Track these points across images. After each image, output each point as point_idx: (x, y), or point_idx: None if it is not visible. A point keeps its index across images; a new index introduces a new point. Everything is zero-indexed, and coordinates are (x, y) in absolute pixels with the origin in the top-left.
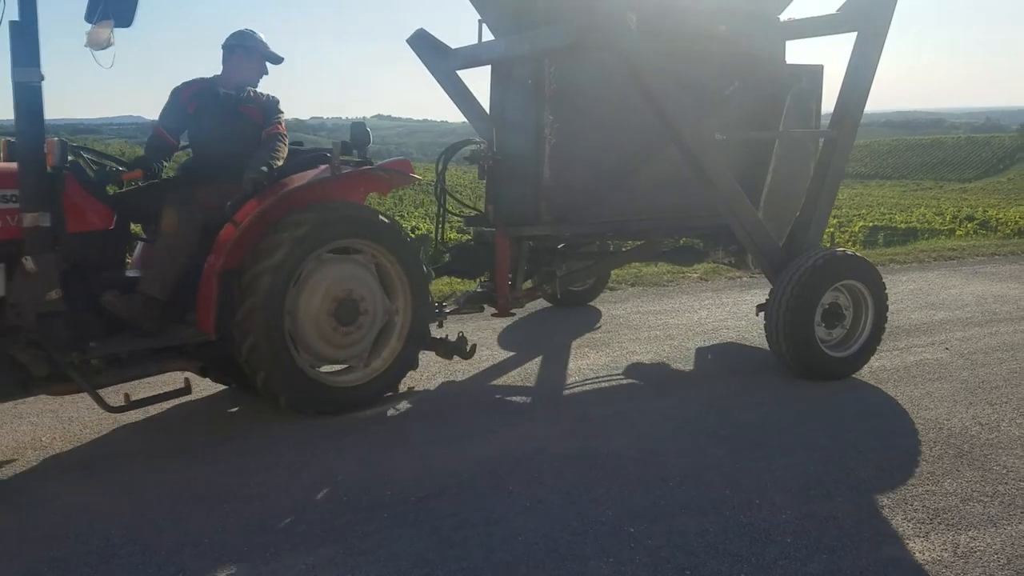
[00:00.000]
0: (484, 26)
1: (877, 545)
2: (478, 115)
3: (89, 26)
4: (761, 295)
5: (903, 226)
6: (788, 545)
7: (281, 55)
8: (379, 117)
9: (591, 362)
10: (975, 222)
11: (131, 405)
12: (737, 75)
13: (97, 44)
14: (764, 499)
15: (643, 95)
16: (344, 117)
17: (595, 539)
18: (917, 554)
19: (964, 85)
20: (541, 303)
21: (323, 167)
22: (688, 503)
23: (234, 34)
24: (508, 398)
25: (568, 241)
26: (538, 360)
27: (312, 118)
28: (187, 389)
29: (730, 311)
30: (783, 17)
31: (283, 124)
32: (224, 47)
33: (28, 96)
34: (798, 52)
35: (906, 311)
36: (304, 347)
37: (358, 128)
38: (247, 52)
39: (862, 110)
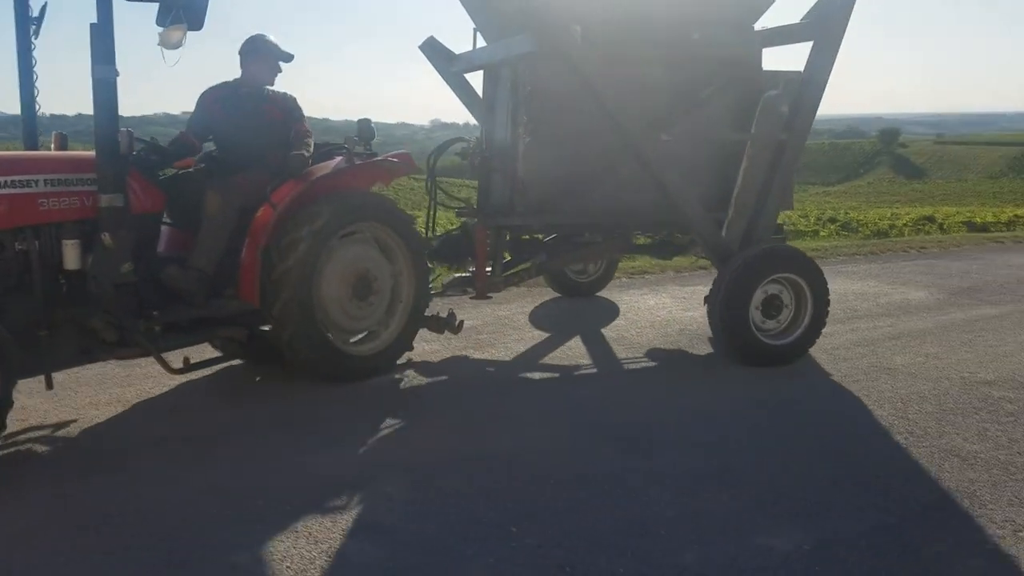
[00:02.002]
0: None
1: (748, 535)
2: (481, 115)
3: (160, 28)
4: (651, 295)
5: None
6: (662, 537)
7: (291, 53)
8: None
9: (479, 364)
10: (837, 223)
11: (190, 367)
12: (712, 79)
13: (169, 44)
14: (645, 494)
15: (592, 99)
16: None
17: (477, 540)
18: (787, 543)
19: (827, 93)
20: (549, 293)
21: (339, 158)
22: (573, 501)
23: (247, 40)
24: (390, 401)
25: (549, 233)
26: (423, 361)
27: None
28: (238, 354)
29: (623, 312)
30: (758, 26)
31: (306, 121)
32: (240, 53)
33: (105, 90)
34: (788, 58)
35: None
36: (327, 320)
37: (364, 124)
38: (259, 55)
39: (814, 115)
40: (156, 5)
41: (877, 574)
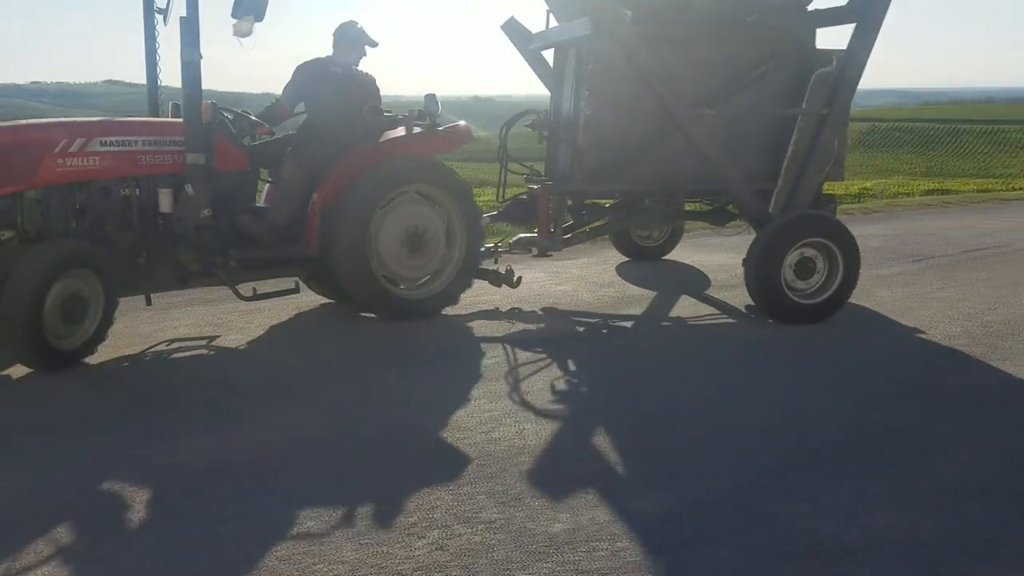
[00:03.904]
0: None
1: (617, 501)
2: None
3: (234, 20)
4: (526, 271)
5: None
6: (535, 508)
7: (377, 40)
8: (110, 82)
9: (355, 343)
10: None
11: (257, 297)
12: (767, 58)
13: (241, 33)
14: (514, 467)
15: (640, 78)
16: (72, 82)
17: (351, 522)
18: (655, 508)
19: None
20: (617, 256)
21: (400, 128)
22: (443, 477)
23: (343, 25)
24: (262, 383)
25: (607, 199)
26: (291, 344)
27: (31, 83)
28: (297, 289)
29: (487, 286)
30: (811, 7)
31: (380, 100)
32: (334, 35)
33: (191, 69)
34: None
35: (643, 281)
36: (384, 268)
37: (430, 99)
38: (351, 40)
39: (853, 92)
40: (231, 0)
41: (744, 535)
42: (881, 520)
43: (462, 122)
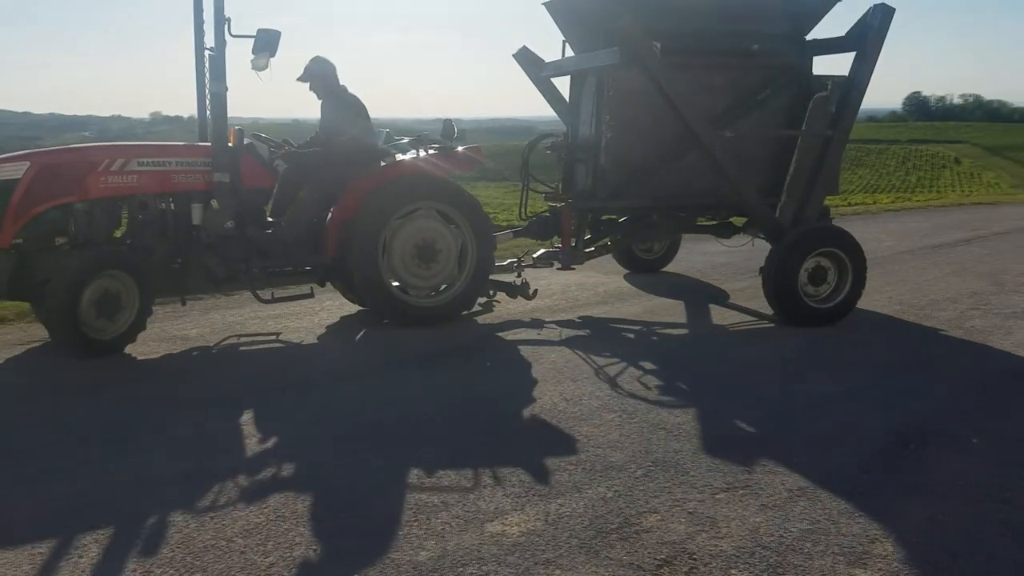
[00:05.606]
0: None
1: (480, 524)
2: (566, 114)
3: (252, 56)
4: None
5: (505, 224)
6: (399, 537)
7: (342, 86)
8: None
9: (204, 374)
10: None
11: (275, 300)
12: (769, 84)
13: (258, 67)
14: (380, 495)
15: (666, 102)
16: None
17: (197, 566)
18: (515, 527)
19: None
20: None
21: (412, 151)
22: (303, 511)
23: (307, 67)
24: (107, 421)
25: (624, 215)
26: (139, 373)
27: None
28: (312, 294)
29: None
30: (809, 37)
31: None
32: (309, 78)
33: (218, 100)
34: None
35: (508, 302)
36: (397, 277)
37: (447, 124)
38: (320, 74)
39: (855, 114)
40: (252, 40)
41: (600, 547)
42: (724, 528)
43: (460, 148)
